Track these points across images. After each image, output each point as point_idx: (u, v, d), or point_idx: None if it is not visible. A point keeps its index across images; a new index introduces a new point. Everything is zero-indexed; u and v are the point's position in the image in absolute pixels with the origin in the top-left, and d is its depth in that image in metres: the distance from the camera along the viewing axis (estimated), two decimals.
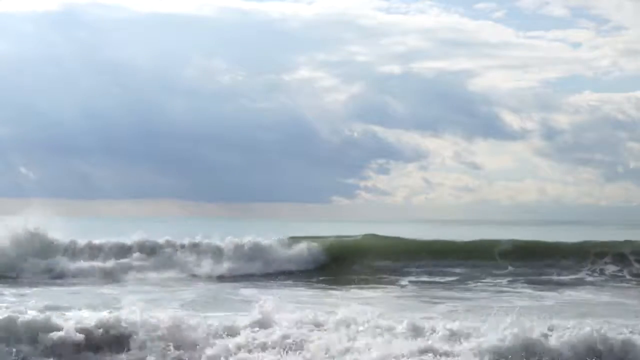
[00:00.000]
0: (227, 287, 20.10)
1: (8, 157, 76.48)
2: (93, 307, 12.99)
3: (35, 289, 19.07)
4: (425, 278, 22.48)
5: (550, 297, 18.41)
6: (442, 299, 17.98)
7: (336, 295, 18.13)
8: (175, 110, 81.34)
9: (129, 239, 24.30)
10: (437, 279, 22.35)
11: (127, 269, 22.54)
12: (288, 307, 12.54)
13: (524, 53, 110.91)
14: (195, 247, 24.17)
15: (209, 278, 22.22)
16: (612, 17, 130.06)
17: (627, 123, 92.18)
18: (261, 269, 23.28)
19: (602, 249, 24.57)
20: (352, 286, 19.89)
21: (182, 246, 24.19)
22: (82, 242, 24.19)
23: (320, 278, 22.41)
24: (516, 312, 11.37)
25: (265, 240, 24.35)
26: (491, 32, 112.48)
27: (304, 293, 18.89)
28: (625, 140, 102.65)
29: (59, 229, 24.26)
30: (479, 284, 21.63)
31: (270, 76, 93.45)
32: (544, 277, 22.62)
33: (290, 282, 21.66)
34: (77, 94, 78.52)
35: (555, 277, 22.76)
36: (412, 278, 22.30)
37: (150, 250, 23.86)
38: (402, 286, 20.99)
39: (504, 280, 22.15)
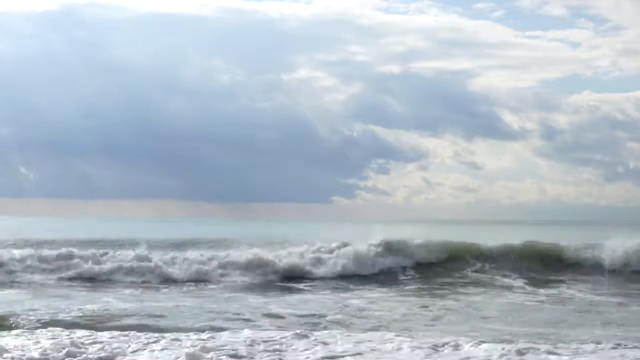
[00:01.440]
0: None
1: (8, 157, 76.59)
2: None
3: None
4: None
5: None
6: None
7: None
8: (174, 109, 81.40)
9: None
10: None
11: None
12: None
13: (523, 53, 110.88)
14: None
15: None
16: (611, 17, 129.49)
17: (626, 123, 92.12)
18: None
19: None
20: None
21: None
22: None
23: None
24: None
25: None
26: (490, 32, 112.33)
27: None
28: (625, 140, 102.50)
29: None
30: None
31: (269, 76, 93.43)
32: None
33: None
34: (77, 94, 78.59)
35: None
36: None
37: None
38: None
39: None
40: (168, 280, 21.67)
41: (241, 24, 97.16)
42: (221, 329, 12.63)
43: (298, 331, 11.77)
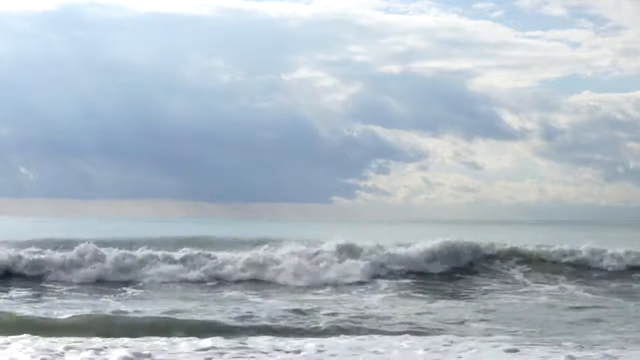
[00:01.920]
0: None
1: (8, 157, 76.49)
2: None
3: None
4: None
5: None
6: None
7: None
8: (174, 109, 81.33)
9: None
10: None
11: None
12: None
13: (522, 53, 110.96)
14: None
15: None
16: (611, 17, 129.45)
17: (626, 123, 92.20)
18: None
19: None
20: None
21: None
22: None
23: None
24: None
25: None
26: (490, 32, 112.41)
27: None
28: (625, 140, 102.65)
29: None
30: None
31: (269, 76, 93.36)
32: None
33: None
34: (76, 94, 78.50)
35: None
36: None
37: None
38: None
39: None
40: (167, 280, 21.34)
41: (241, 24, 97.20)
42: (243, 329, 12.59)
43: (322, 342, 11.51)
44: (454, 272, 23.31)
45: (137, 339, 11.29)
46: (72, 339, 11.01)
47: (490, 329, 13.48)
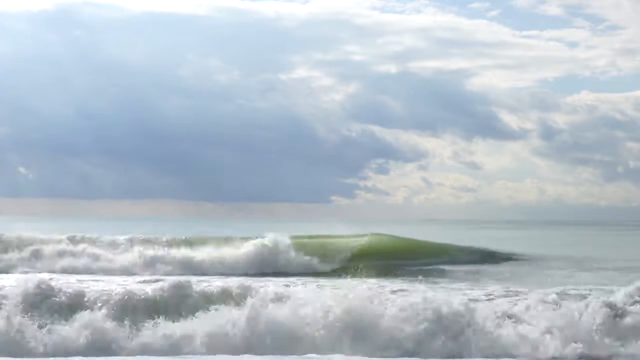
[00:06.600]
0: None
1: (6, 157, 76.38)
2: None
3: None
4: None
5: None
6: None
7: None
8: (172, 109, 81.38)
9: None
10: None
11: None
12: None
13: (520, 52, 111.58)
14: None
15: None
16: (607, 17, 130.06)
17: (625, 123, 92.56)
18: None
19: None
20: None
21: None
22: None
23: None
24: None
25: None
26: (487, 32, 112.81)
27: None
28: (624, 140, 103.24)
29: None
30: None
31: (266, 75, 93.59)
32: None
33: None
34: (74, 94, 78.55)
35: None
36: None
37: None
38: None
39: None
40: None
41: (237, 24, 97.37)
42: None
43: None
44: None
45: None
46: None
47: None
